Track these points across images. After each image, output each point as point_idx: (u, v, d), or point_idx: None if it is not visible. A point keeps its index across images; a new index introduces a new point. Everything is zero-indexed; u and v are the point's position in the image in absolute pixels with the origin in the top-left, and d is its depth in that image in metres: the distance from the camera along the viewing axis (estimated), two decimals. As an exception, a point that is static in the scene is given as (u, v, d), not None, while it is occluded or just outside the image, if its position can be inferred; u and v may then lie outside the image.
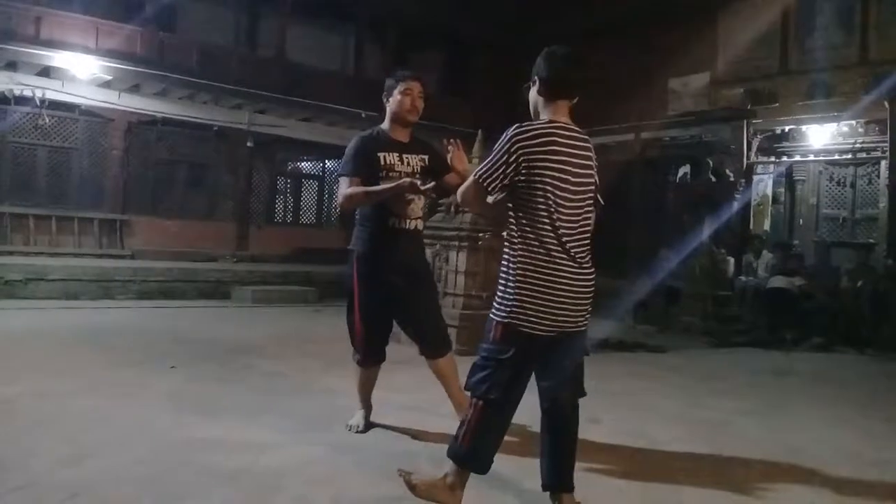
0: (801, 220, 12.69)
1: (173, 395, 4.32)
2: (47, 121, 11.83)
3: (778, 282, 9.49)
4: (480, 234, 6.84)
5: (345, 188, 3.52)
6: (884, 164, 11.08)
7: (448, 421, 3.93)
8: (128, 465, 3.02)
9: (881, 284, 8.86)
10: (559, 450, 2.74)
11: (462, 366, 5.19)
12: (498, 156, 2.62)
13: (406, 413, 4.02)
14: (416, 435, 3.69)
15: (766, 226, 12.61)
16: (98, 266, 10.30)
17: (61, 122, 12.22)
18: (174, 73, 12.35)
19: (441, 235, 6.99)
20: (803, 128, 12.09)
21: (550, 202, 2.59)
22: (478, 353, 2.73)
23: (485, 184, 2.63)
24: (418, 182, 3.36)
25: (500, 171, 2.61)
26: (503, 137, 2.64)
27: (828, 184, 12.47)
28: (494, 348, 2.65)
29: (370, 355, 3.70)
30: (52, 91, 11.65)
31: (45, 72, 11.46)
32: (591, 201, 2.73)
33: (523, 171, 2.59)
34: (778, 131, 12.38)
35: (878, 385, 6.45)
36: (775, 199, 12.89)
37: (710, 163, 11.77)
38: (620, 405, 4.74)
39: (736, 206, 11.60)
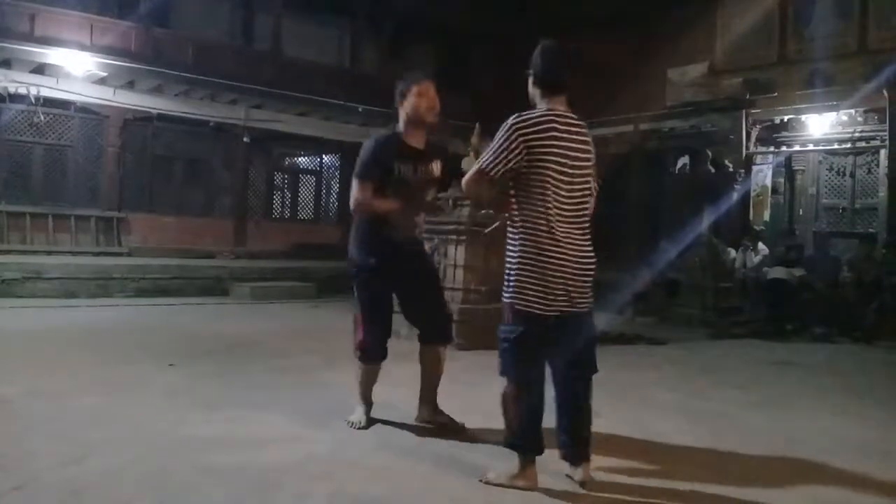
0: (800, 211, 12.67)
1: (172, 393, 4.30)
2: (42, 118, 11.79)
3: (777, 272, 9.46)
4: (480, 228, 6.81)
5: (359, 193, 3.55)
6: (883, 153, 11.06)
7: (449, 414, 3.91)
8: (127, 463, 3.00)
9: (880, 274, 8.84)
10: (574, 425, 2.91)
11: (462, 361, 5.19)
12: (500, 144, 2.78)
13: (406, 408, 4.00)
14: (417, 430, 3.67)
15: (766, 216, 12.58)
16: (96, 264, 10.28)
17: (56, 120, 12.17)
18: (169, 69, 12.31)
19: (440, 230, 6.96)
20: (802, 117, 12.05)
21: (550, 187, 2.75)
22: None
23: (489, 172, 2.79)
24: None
25: (503, 158, 2.76)
26: (503, 126, 2.79)
27: (827, 173, 12.45)
28: (506, 329, 2.86)
29: (371, 352, 3.70)
30: (47, 88, 11.59)
31: (40, 69, 11.40)
32: (589, 186, 2.89)
33: (525, 158, 2.75)
34: (777, 121, 12.34)
35: (880, 375, 6.44)
36: (775, 190, 12.86)
37: (710, 153, 11.73)
38: (620, 397, 4.71)
39: (735, 196, 11.59)
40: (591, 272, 2.87)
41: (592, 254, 2.87)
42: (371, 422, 3.72)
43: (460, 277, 6.80)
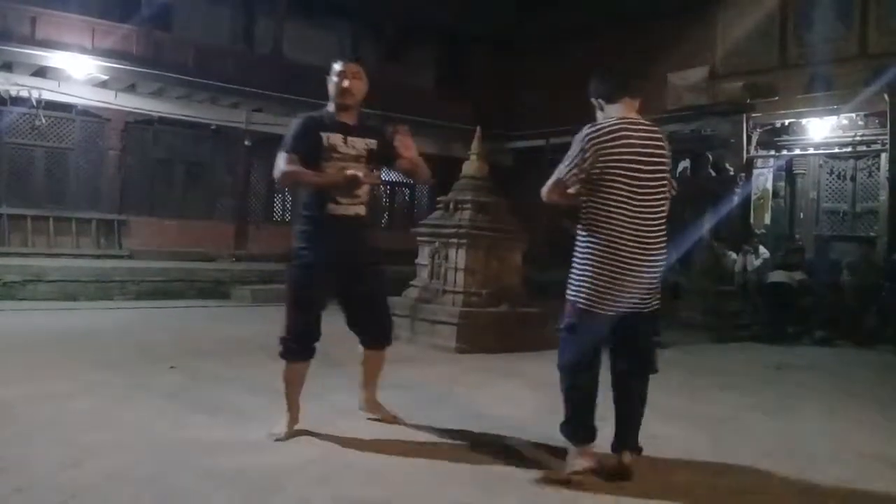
0: (801, 214, 12.67)
1: (173, 396, 4.29)
2: (44, 121, 11.82)
3: (778, 276, 9.45)
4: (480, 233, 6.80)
5: (282, 164, 3.48)
6: (884, 156, 11.08)
7: (450, 417, 3.91)
8: (128, 466, 2.99)
9: (882, 279, 8.84)
10: (627, 417, 3.12)
11: (462, 364, 5.18)
12: (575, 153, 2.92)
13: (405, 411, 3.99)
14: (417, 433, 3.66)
15: (767, 220, 12.58)
16: (96, 267, 10.27)
17: (58, 123, 12.19)
18: (171, 72, 12.32)
19: (440, 233, 6.96)
20: (803, 121, 12.07)
21: (622, 192, 2.87)
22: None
23: (566, 181, 2.95)
24: (360, 175, 3.33)
25: (577, 167, 2.90)
26: (578, 136, 2.93)
27: (828, 177, 12.45)
28: (567, 323, 3.01)
29: (293, 348, 3.54)
30: (49, 91, 11.62)
31: (41, 72, 11.42)
32: (665, 189, 2.99)
33: (598, 165, 2.87)
34: (777, 125, 12.36)
35: (881, 379, 6.43)
36: (775, 194, 12.86)
37: (710, 157, 11.74)
38: (623, 401, 4.70)
39: (736, 200, 11.59)
40: (657, 275, 3.00)
41: (662, 256, 2.99)
42: (294, 434, 3.49)
43: (461, 280, 6.78)
